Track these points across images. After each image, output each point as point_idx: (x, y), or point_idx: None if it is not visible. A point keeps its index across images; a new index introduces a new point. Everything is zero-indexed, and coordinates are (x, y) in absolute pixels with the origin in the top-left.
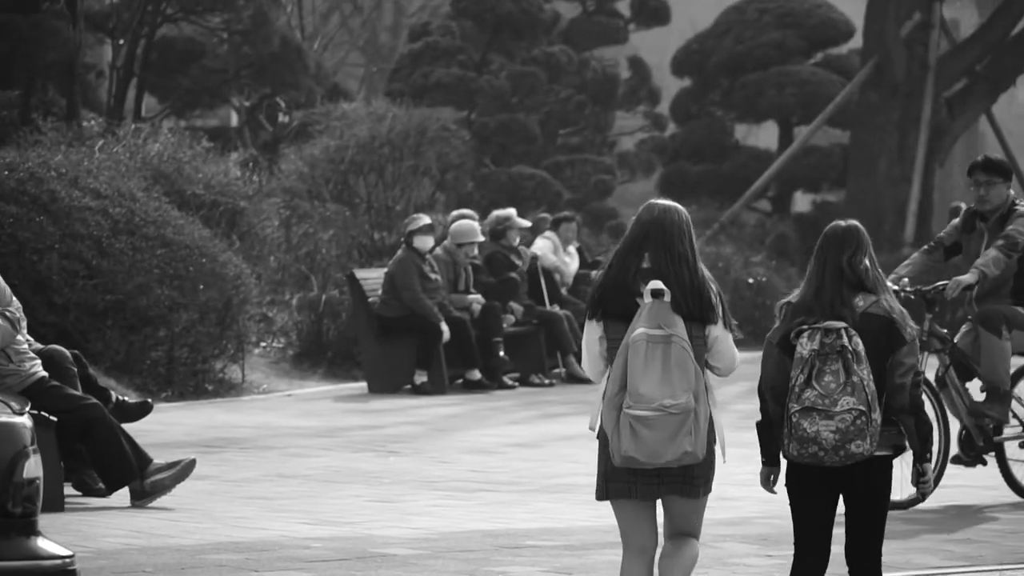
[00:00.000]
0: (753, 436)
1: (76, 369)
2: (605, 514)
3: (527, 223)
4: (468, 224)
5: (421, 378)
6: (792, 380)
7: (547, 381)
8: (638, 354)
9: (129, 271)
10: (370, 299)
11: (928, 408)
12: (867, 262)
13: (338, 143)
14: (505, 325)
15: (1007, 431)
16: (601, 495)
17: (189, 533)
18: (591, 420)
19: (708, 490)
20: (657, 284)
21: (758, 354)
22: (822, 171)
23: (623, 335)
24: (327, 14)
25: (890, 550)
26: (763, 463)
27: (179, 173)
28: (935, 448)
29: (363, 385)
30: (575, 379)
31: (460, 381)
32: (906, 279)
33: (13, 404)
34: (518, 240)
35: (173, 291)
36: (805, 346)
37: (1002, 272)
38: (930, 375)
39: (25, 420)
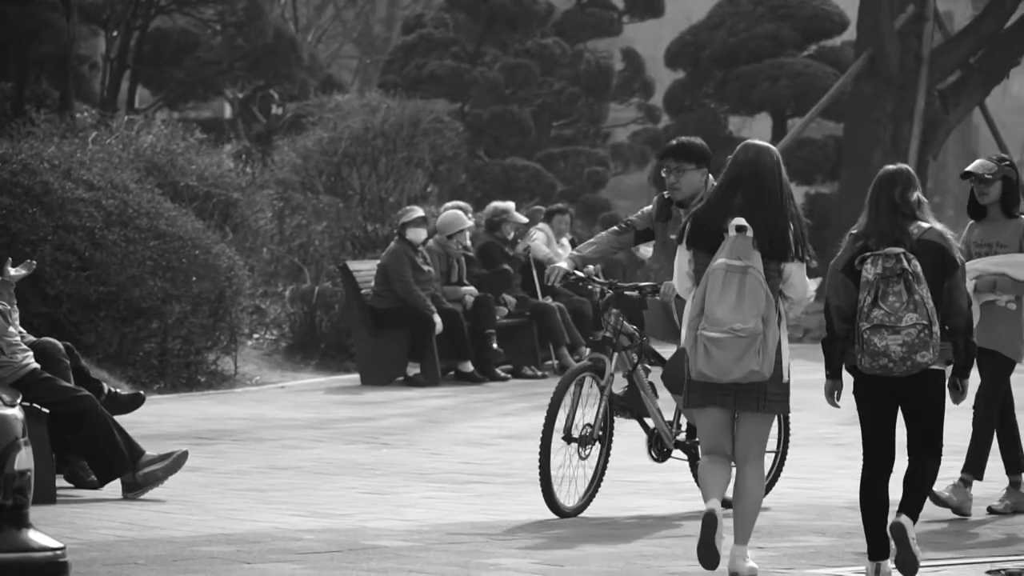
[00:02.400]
0: None
1: (68, 361)
2: (597, 506)
3: (524, 219)
4: (452, 214)
5: (414, 370)
6: (860, 302)
7: (540, 373)
8: (716, 282)
9: (122, 263)
10: (363, 291)
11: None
12: (918, 195)
13: (332, 135)
14: (498, 317)
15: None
16: (685, 404)
17: (181, 525)
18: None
19: (784, 410)
20: (741, 220)
21: None
22: (816, 163)
23: (707, 263)
24: (321, 6)
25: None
26: (827, 376)
27: (172, 165)
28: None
29: (356, 377)
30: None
31: (453, 373)
32: (591, 267)
33: (5, 396)
34: (512, 234)
35: (166, 283)
36: (869, 271)
37: None
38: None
39: (17, 412)
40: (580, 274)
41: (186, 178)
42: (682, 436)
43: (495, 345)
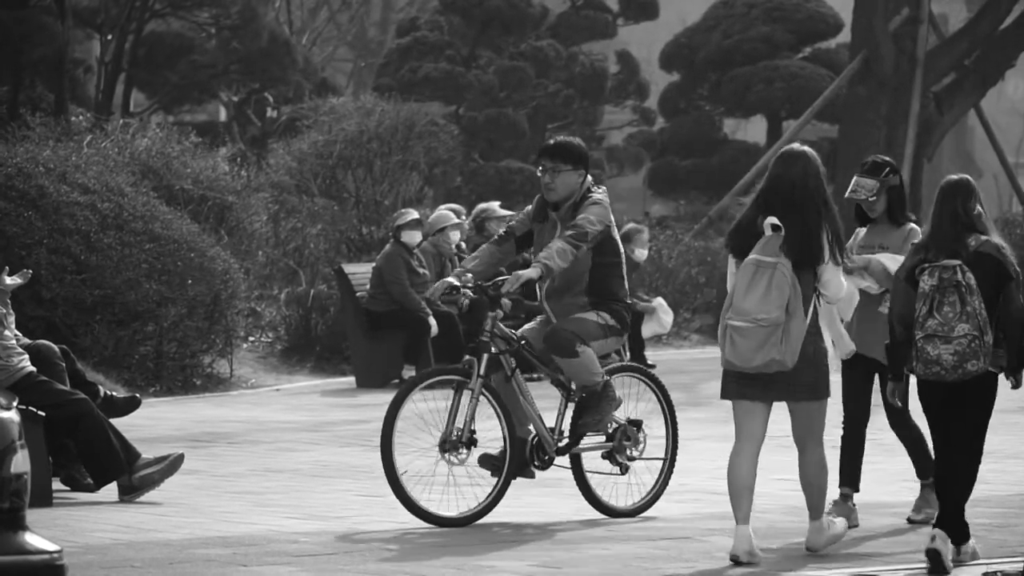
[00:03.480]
0: None
1: (64, 364)
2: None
3: (508, 212)
4: (439, 213)
5: (409, 372)
6: (917, 312)
7: (536, 375)
8: (746, 274)
9: (117, 266)
10: (358, 293)
11: (496, 413)
12: (979, 207)
13: (326, 138)
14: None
15: (586, 441)
16: (722, 395)
17: (177, 528)
18: None
19: (819, 395)
20: (774, 220)
21: None
22: None
23: None
24: (315, 9)
25: (880, 544)
26: (890, 379)
27: (167, 168)
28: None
29: (351, 379)
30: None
31: None
32: (470, 275)
33: (1, 399)
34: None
35: (161, 286)
36: (926, 282)
37: (574, 267)
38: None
39: (13, 415)
40: (457, 284)
41: (181, 181)
42: (564, 443)
43: None
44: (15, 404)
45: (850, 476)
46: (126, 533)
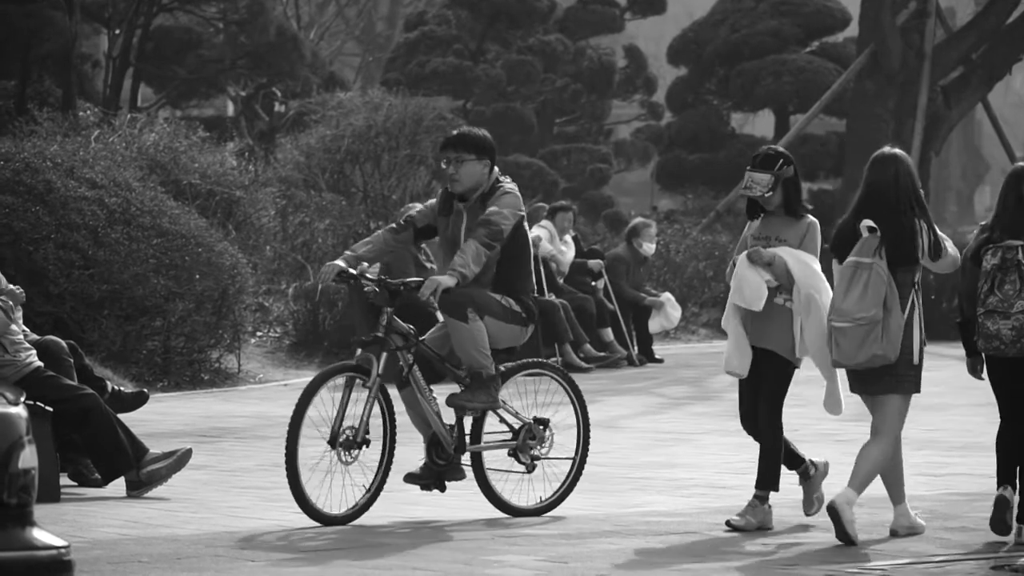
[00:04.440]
0: None
1: (72, 359)
2: (601, 503)
3: None
4: None
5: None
6: (979, 289)
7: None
8: (845, 276)
9: (125, 261)
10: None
11: (378, 411)
12: None
13: (334, 132)
14: None
15: (487, 438)
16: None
17: (185, 523)
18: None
19: (914, 389)
20: (870, 222)
21: None
22: (818, 160)
23: None
24: (323, 3)
25: (885, 538)
26: (967, 355)
27: (175, 163)
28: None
29: None
30: (571, 368)
31: None
32: (365, 264)
33: (8, 394)
34: None
35: (169, 281)
36: (989, 261)
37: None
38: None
39: (20, 410)
40: (352, 271)
41: (189, 176)
42: (466, 441)
43: None
44: (23, 399)
45: (772, 479)
46: (134, 528)
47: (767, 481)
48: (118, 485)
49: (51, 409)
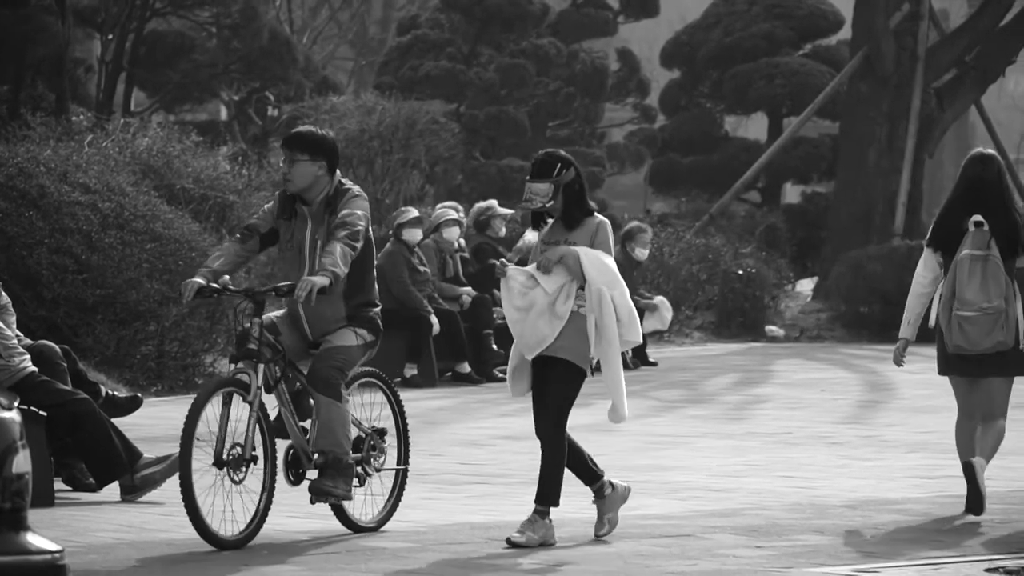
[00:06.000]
0: (741, 428)
1: (66, 364)
2: (595, 506)
3: (508, 211)
4: (440, 210)
5: (411, 371)
6: None
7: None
8: (963, 269)
9: (119, 265)
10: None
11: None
12: None
13: None
14: (496, 318)
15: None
16: (941, 371)
17: (179, 527)
18: None
19: (1021, 372)
20: (978, 217)
21: (746, 345)
22: (811, 162)
23: (951, 258)
24: (316, 8)
25: (880, 540)
26: None
27: (168, 167)
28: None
29: None
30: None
31: (450, 374)
32: (227, 278)
33: (2, 399)
34: (503, 230)
35: (163, 285)
36: None
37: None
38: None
39: (14, 415)
40: (215, 286)
41: (182, 180)
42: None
43: (494, 346)
44: (16, 404)
45: (553, 494)
46: (128, 533)
47: (547, 496)
48: (112, 490)
49: (45, 414)
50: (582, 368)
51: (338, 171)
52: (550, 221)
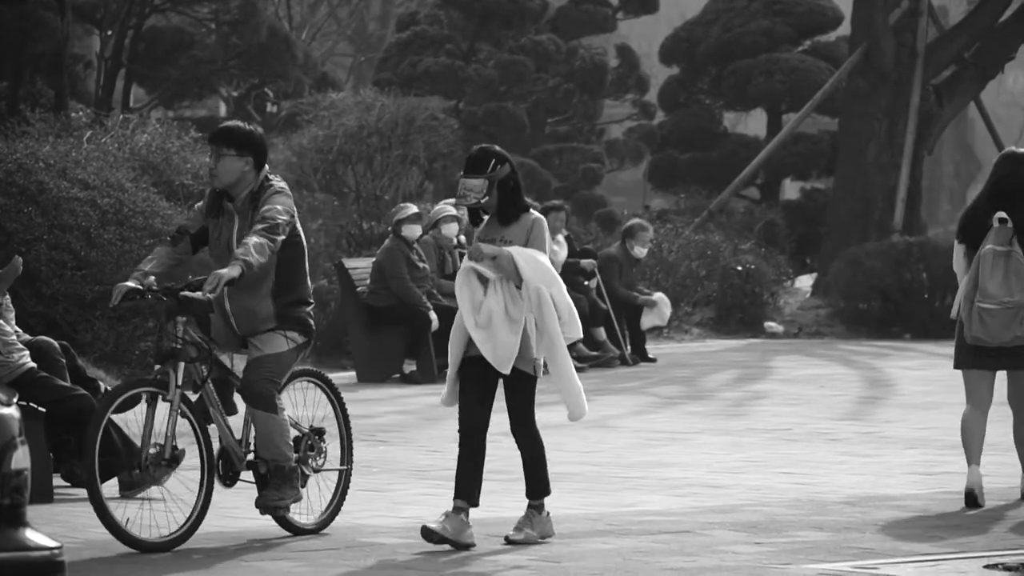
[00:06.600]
0: (740, 424)
1: (65, 360)
2: (594, 502)
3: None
4: (438, 206)
5: (410, 367)
6: None
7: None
8: (986, 263)
9: (118, 261)
10: (359, 288)
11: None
12: None
13: (326, 133)
14: None
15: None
16: (956, 365)
17: (179, 524)
18: None
19: None
20: (1002, 214)
21: (745, 342)
22: (811, 158)
23: (976, 252)
24: (315, 4)
25: (879, 536)
26: None
27: (167, 163)
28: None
29: (352, 374)
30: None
31: None
32: (152, 278)
33: (1, 395)
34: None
35: None
36: None
37: (263, 265)
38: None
39: (13, 411)
40: (141, 288)
41: (181, 177)
42: (251, 456)
43: None
44: (15, 400)
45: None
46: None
47: (537, 490)
48: (111, 486)
49: (44, 410)
50: (531, 375)
51: (266, 167)
52: (486, 218)
